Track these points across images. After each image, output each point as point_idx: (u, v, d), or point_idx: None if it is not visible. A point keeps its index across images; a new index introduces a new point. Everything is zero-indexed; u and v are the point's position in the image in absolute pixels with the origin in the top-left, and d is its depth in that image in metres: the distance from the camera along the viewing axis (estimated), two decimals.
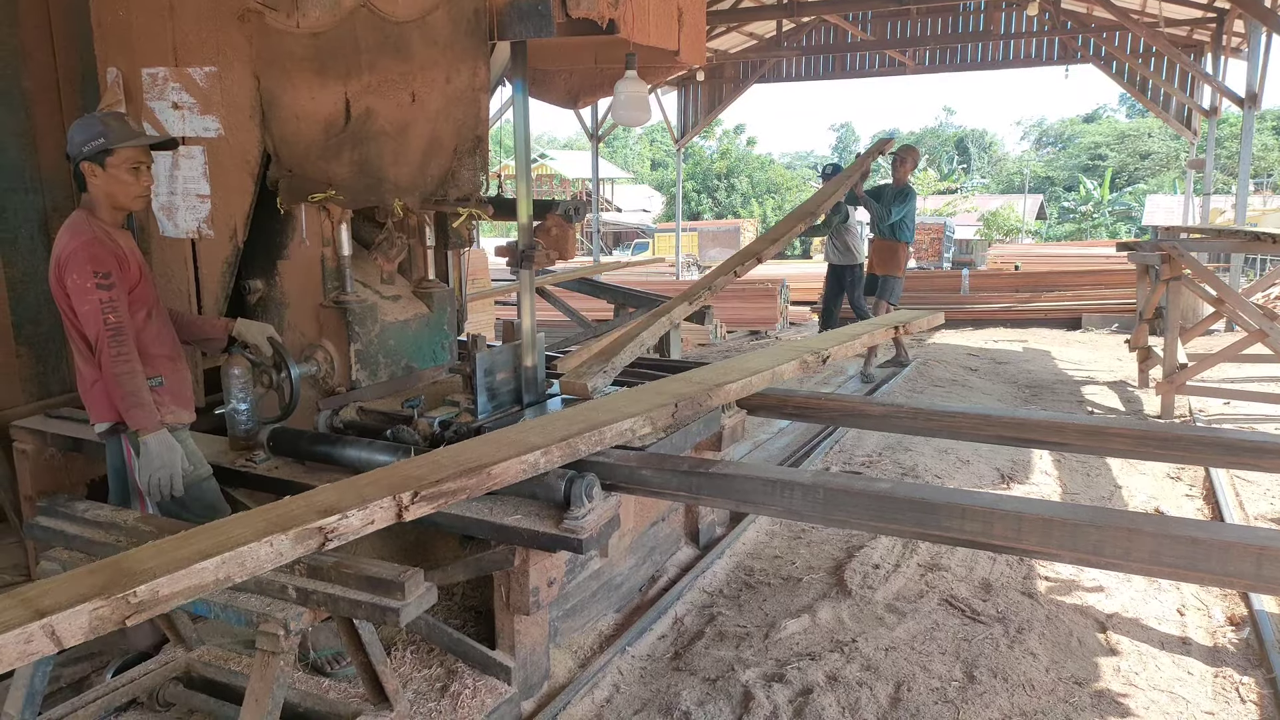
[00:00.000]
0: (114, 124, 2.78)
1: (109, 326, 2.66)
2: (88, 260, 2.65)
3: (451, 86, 3.12)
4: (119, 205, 2.83)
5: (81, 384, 2.87)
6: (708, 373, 3.52)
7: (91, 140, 2.72)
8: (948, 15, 15.20)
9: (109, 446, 2.93)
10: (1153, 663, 3.12)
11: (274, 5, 3.30)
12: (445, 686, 2.89)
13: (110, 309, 2.66)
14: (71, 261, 2.66)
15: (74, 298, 2.67)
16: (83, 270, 2.65)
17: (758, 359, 3.69)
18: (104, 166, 2.74)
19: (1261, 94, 10.78)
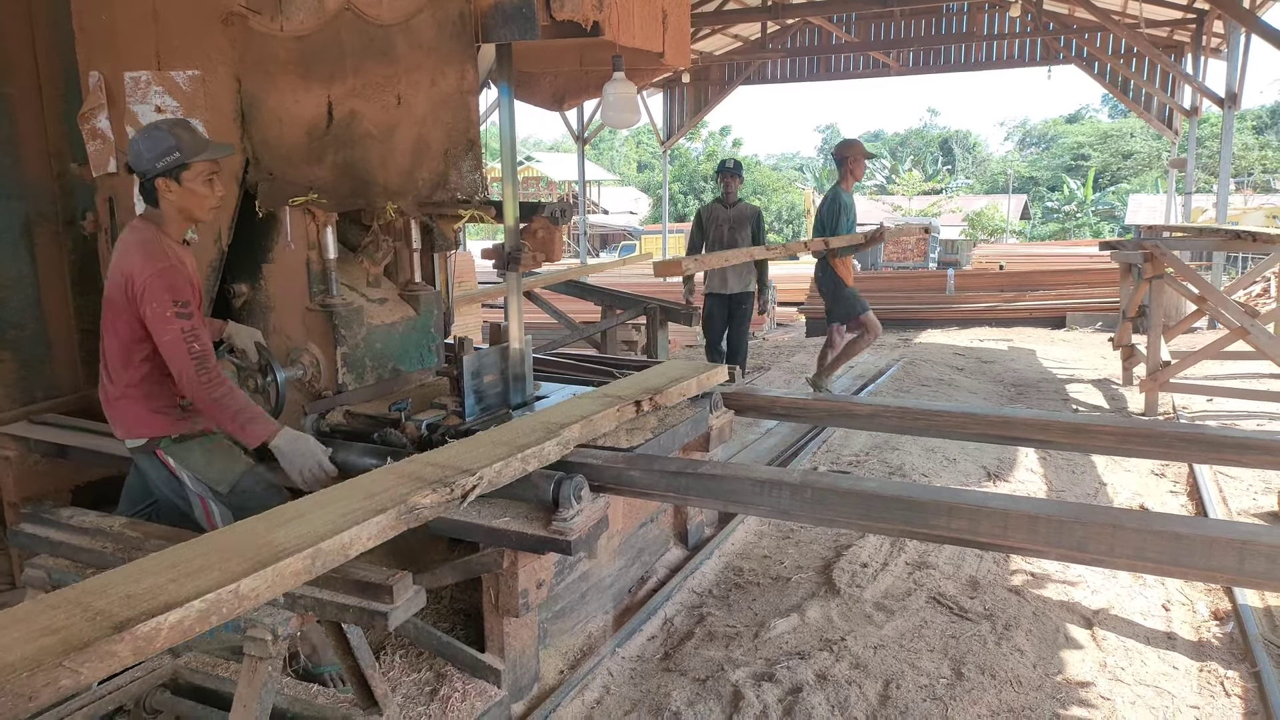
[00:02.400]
0: (184, 135, 2.70)
1: (194, 355, 2.59)
2: (167, 289, 2.59)
3: (438, 89, 3.12)
4: (192, 218, 2.79)
5: (105, 396, 2.81)
6: (530, 424, 2.99)
7: (166, 155, 2.65)
8: (931, 17, 15.30)
9: (145, 463, 2.86)
10: (1138, 658, 3.15)
11: (258, 8, 3.29)
12: (434, 690, 2.88)
13: (193, 337, 2.60)
14: (150, 290, 2.59)
15: (153, 326, 2.60)
16: (162, 299, 2.58)
17: (571, 408, 3.20)
18: (180, 181, 2.68)
19: (1241, 94, 10.89)
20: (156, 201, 2.72)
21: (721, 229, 6.94)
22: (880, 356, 8.88)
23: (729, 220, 6.94)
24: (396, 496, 2.28)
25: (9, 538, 3.18)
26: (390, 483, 2.39)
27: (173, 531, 2.70)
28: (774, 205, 36.29)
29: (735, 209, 6.97)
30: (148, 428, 2.78)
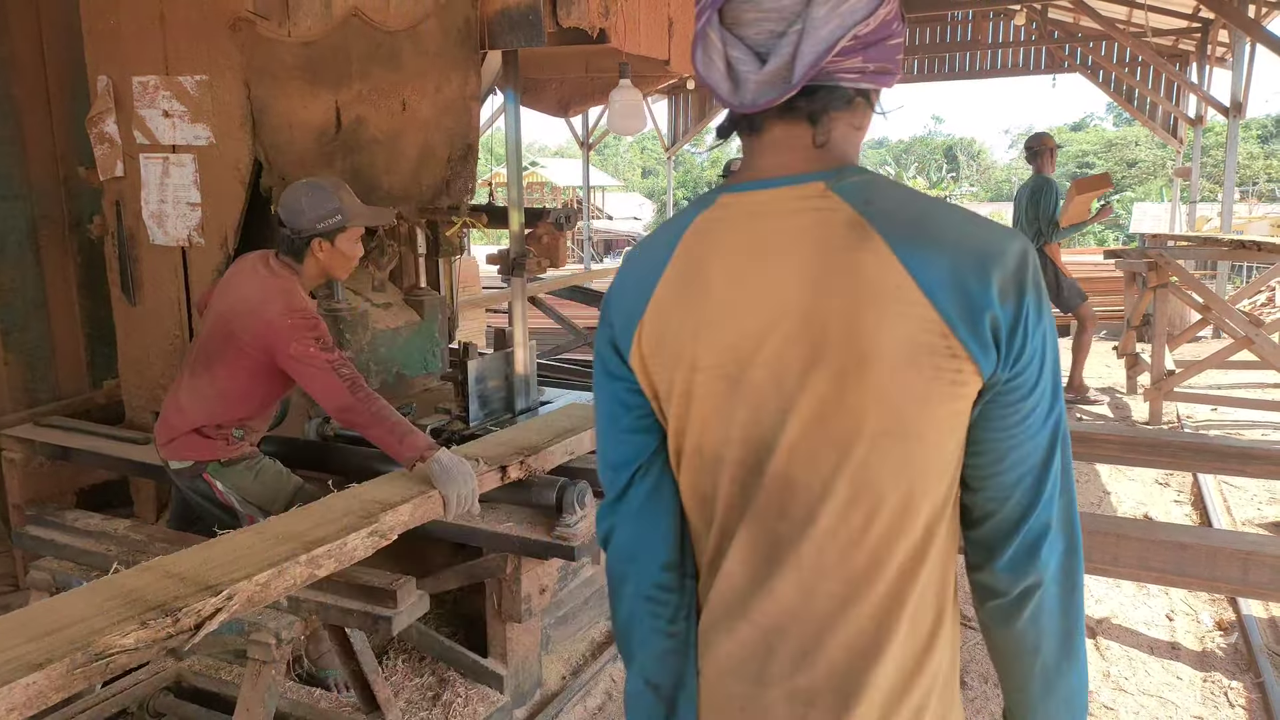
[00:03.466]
0: (348, 200, 2.72)
1: (346, 380, 2.57)
2: (309, 329, 2.59)
3: (442, 95, 3.13)
4: (331, 277, 2.82)
5: (176, 413, 2.78)
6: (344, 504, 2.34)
7: (328, 218, 2.66)
8: (936, 25, 15.31)
9: (189, 484, 2.84)
10: (1142, 668, 3.14)
11: (265, 14, 3.30)
12: (437, 695, 2.88)
13: (342, 364, 2.59)
14: (292, 332, 2.58)
15: (298, 366, 2.59)
16: (302, 339, 2.57)
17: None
18: (334, 243, 2.70)
19: (1246, 103, 10.89)
20: (300, 257, 2.71)
21: None
22: None
23: None
24: (80, 637, 1.62)
25: (14, 540, 3.19)
26: (85, 610, 1.72)
27: (176, 535, 2.70)
28: None
29: None
30: (196, 452, 2.77)
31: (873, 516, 0.94)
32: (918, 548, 0.95)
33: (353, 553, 2.12)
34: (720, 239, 1.00)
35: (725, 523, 1.02)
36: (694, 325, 0.99)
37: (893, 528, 0.94)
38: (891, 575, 0.95)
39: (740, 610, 1.01)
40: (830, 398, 0.92)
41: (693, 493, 1.06)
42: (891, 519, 0.94)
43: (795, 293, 0.94)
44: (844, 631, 0.96)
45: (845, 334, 0.91)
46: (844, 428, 0.93)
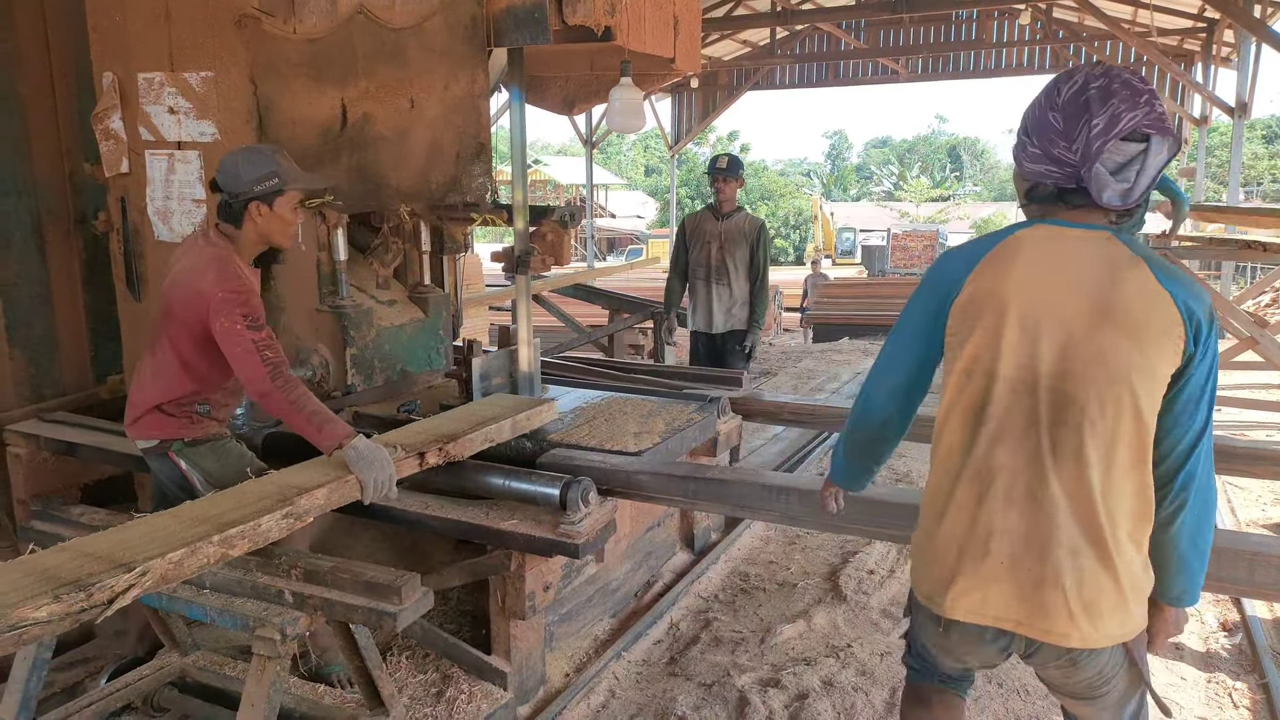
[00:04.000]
0: (284, 163, 2.72)
1: (268, 362, 2.57)
2: (240, 305, 2.58)
3: (450, 93, 3.13)
4: (271, 244, 2.80)
5: (138, 393, 2.80)
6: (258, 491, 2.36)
7: (266, 180, 2.66)
8: (940, 24, 15.30)
9: (157, 464, 2.86)
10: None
11: (271, 11, 3.31)
12: (441, 692, 2.89)
13: (266, 347, 2.59)
14: (224, 307, 2.58)
15: (225, 340, 2.59)
16: (232, 314, 2.57)
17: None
18: (272, 207, 2.70)
19: (1251, 103, 10.87)
20: (239, 222, 2.71)
21: (709, 247, 5.21)
22: None
23: (719, 236, 5.19)
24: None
25: (19, 534, 3.19)
26: (6, 585, 1.79)
27: None
28: (781, 211, 36.26)
29: (730, 221, 5.21)
30: (160, 429, 2.78)
31: (1118, 422, 1.58)
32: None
33: (267, 534, 2.16)
34: (1026, 252, 1.65)
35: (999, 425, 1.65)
36: (1006, 291, 1.63)
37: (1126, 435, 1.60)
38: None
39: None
40: (1107, 348, 1.56)
41: (967, 399, 1.69)
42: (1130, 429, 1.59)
43: (1092, 284, 1.59)
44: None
45: (1125, 314, 1.55)
46: (1115, 365, 1.55)
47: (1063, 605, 1.60)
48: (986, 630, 1.69)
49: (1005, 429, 1.64)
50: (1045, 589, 1.61)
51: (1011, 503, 1.63)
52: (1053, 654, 1.67)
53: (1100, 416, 1.57)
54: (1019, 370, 1.61)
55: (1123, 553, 1.60)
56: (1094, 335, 1.56)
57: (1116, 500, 1.59)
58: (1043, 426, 1.60)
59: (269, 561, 2.34)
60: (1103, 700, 1.76)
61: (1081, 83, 1.59)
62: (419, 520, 2.92)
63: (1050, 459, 1.60)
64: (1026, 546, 1.62)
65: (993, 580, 1.65)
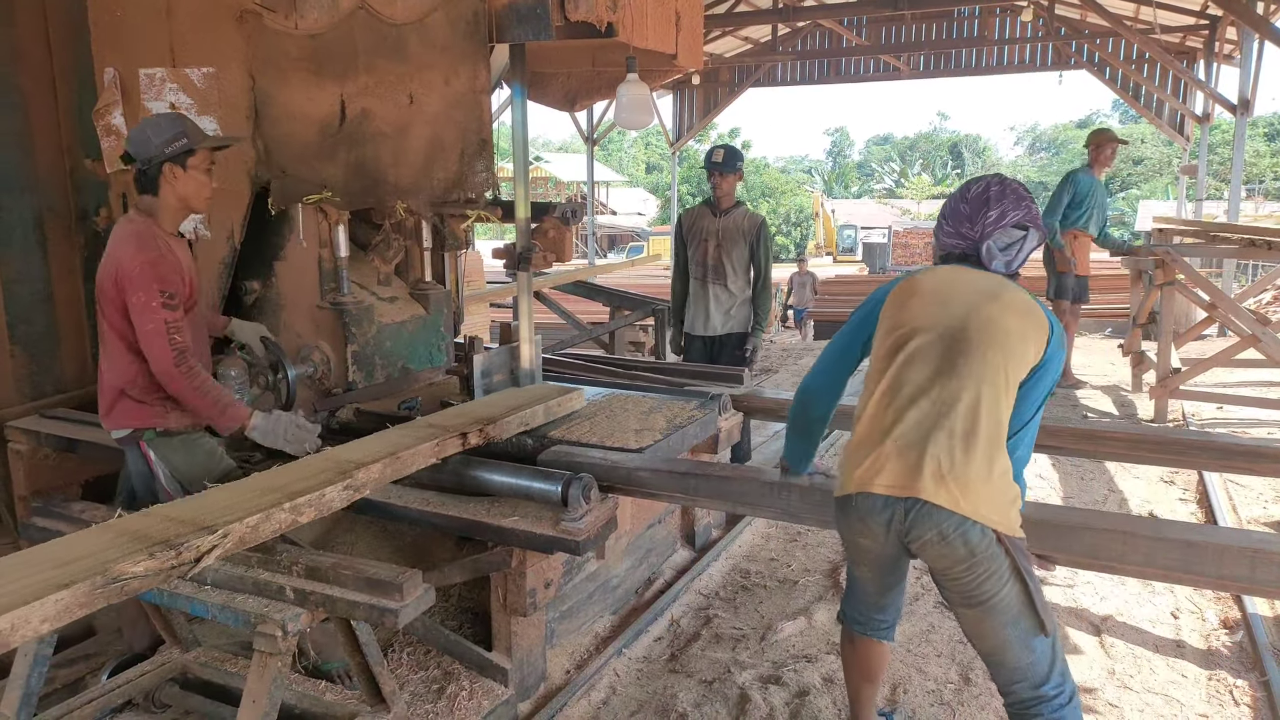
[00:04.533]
0: (190, 124, 2.74)
1: (175, 347, 2.61)
2: (155, 279, 2.60)
3: (451, 89, 3.13)
4: (190, 208, 2.81)
5: (101, 385, 2.82)
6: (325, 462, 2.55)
7: (175, 140, 2.67)
8: (942, 21, 15.27)
9: (128, 453, 2.89)
10: (1147, 665, 3.14)
11: (272, 6, 3.30)
12: (442, 688, 2.89)
13: (175, 329, 2.62)
14: (139, 279, 2.60)
15: (136, 315, 2.62)
16: (149, 289, 2.59)
17: (392, 439, 2.79)
18: (185, 168, 2.71)
19: (1253, 101, 10.84)
20: (155, 190, 2.73)
21: (705, 245, 4.94)
22: None
23: (717, 233, 4.92)
24: (98, 564, 1.84)
25: (20, 531, 3.20)
26: (97, 544, 1.96)
27: None
28: (782, 208, 36.24)
29: (728, 217, 4.93)
30: (133, 418, 2.78)
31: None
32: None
33: (330, 503, 2.33)
34: (941, 269, 2.34)
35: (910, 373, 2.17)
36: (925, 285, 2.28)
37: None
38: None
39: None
40: (997, 316, 2.16)
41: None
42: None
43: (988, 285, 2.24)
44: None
45: (1012, 304, 2.18)
46: (1001, 329, 2.14)
47: (934, 470, 2.04)
48: (876, 499, 2.11)
49: (916, 356, 2.17)
50: (923, 459, 2.06)
51: (911, 402, 2.13)
52: (928, 524, 2.05)
53: (982, 359, 2.11)
54: (932, 322, 2.19)
55: (987, 453, 2.07)
56: (988, 307, 2.16)
57: (984, 416, 2.08)
58: (943, 355, 2.14)
59: (270, 558, 2.34)
60: (990, 605, 2.06)
61: (983, 186, 2.31)
62: (420, 517, 2.92)
63: (944, 376, 2.12)
64: (916, 432, 2.09)
65: (886, 459, 2.11)
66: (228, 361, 3.22)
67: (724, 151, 4.95)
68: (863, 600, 2.43)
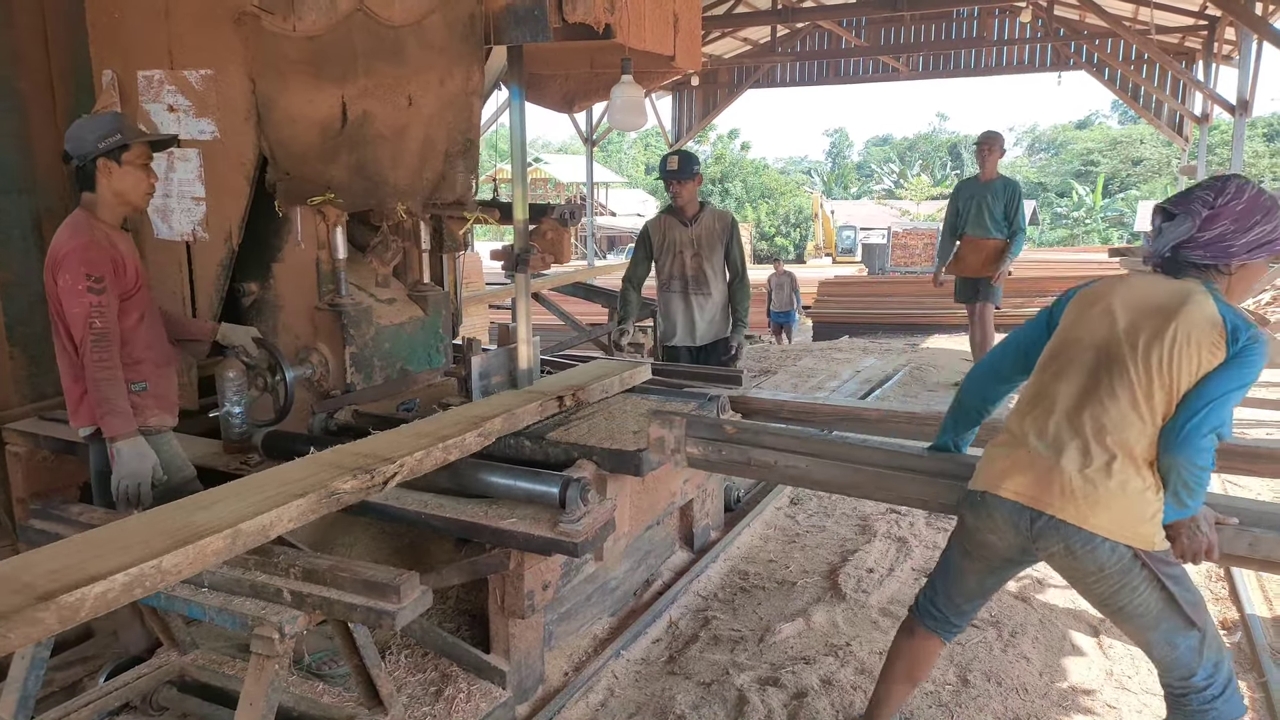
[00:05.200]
0: (125, 121, 2.79)
1: (94, 331, 2.64)
2: (81, 263, 2.64)
3: (445, 90, 3.13)
4: (129, 203, 2.83)
5: (64, 385, 2.84)
6: (447, 420, 3.14)
7: (109, 136, 2.71)
8: (941, 21, 15.28)
9: (92, 449, 2.91)
10: (1145, 666, 3.13)
11: (270, 8, 3.30)
12: (439, 690, 2.89)
13: (98, 313, 2.65)
14: (66, 262, 2.64)
15: (64, 298, 2.66)
16: (75, 272, 2.63)
17: (498, 402, 3.38)
18: (120, 163, 2.74)
19: (1252, 101, 10.85)
20: (93, 185, 2.77)
21: (681, 257, 4.80)
22: (887, 361, 8.86)
23: (693, 242, 4.78)
24: (317, 482, 2.41)
25: (18, 533, 3.19)
26: (312, 470, 2.54)
27: None
28: (781, 209, 36.23)
29: (700, 225, 4.79)
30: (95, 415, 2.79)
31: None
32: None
33: (470, 446, 2.96)
34: (1132, 277, 2.27)
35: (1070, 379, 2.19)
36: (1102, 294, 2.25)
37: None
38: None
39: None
40: (1157, 334, 2.09)
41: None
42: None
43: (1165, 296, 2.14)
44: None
45: (1181, 317, 2.08)
46: (1160, 347, 2.07)
47: (1064, 485, 2.08)
48: (1006, 503, 2.17)
49: (1068, 368, 2.20)
50: (1054, 473, 2.10)
51: (1054, 413, 2.17)
52: (1055, 538, 2.11)
53: (1133, 372, 2.09)
54: (1092, 335, 2.18)
55: (1125, 469, 2.06)
56: (1152, 318, 2.10)
57: (1126, 433, 2.07)
58: (1093, 370, 2.15)
59: (268, 560, 2.34)
60: (1128, 613, 2.13)
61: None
62: (418, 519, 2.92)
63: (1091, 391, 2.14)
64: (1053, 443, 2.14)
65: (1021, 465, 2.17)
66: (226, 363, 3.22)
67: (678, 158, 4.76)
68: (948, 598, 2.43)
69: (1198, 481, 2.06)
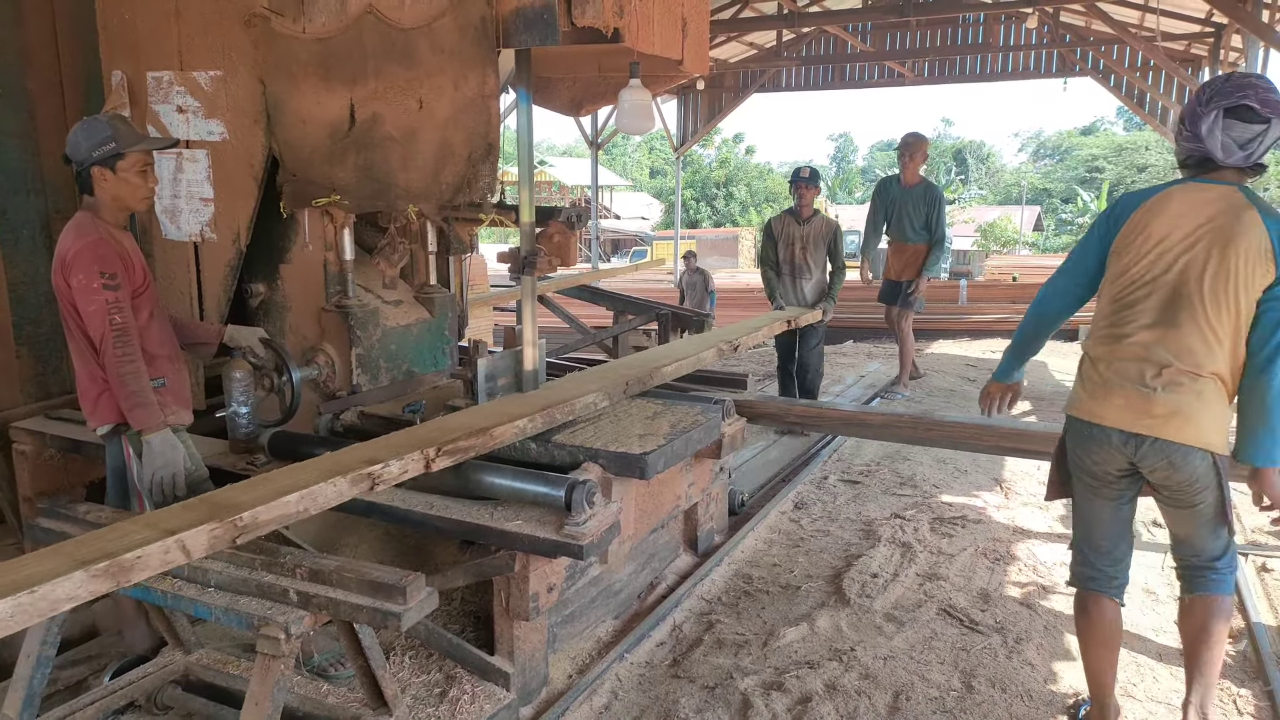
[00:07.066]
0: (121, 127, 2.79)
1: (114, 326, 2.66)
2: (94, 260, 2.65)
3: (460, 94, 3.13)
4: (127, 207, 2.84)
5: (80, 385, 2.86)
6: (645, 357, 4.29)
7: (102, 145, 2.72)
8: (947, 27, 15.28)
9: (109, 448, 2.93)
10: (1150, 674, 3.13)
11: (280, 10, 3.31)
12: (444, 692, 2.89)
13: (116, 309, 2.66)
14: (78, 261, 2.66)
15: (79, 298, 2.67)
16: (89, 270, 2.64)
17: (682, 348, 4.45)
18: (114, 170, 2.75)
19: None
20: (91, 189, 2.79)
21: (793, 248, 6.18)
22: (892, 366, 8.85)
23: (803, 238, 6.15)
24: (428, 442, 2.69)
25: (26, 532, 3.20)
26: (416, 439, 2.75)
27: None
28: None
29: (810, 225, 6.18)
30: (115, 413, 2.80)
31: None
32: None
33: (557, 422, 3.21)
34: (1175, 199, 2.44)
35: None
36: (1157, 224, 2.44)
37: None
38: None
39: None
40: (1220, 261, 2.34)
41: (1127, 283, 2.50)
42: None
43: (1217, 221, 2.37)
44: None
45: (1236, 241, 2.33)
46: (1224, 273, 2.34)
47: (1165, 406, 2.38)
48: (1110, 431, 2.47)
49: (1145, 296, 2.45)
50: (1147, 400, 2.40)
51: (1139, 341, 2.44)
52: (1159, 456, 2.41)
53: (1201, 307, 2.36)
54: (1161, 264, 2.42)
55: (1207, 388, 2.38)
56: (1212, 254, 2.35)
57: (1207, 357, 2.37)
58: (1169, 297, 2.41)
59: (274, 560, 2.35)
60: (1197, 511, 2.47)
61: (1216, 83, 2.44)
62: (424, 520, 2.92)
63: (1170, 316, 2.40)
64: (1148, 369, 2.42)
65: (1116, 397, 2.46)
66: (233, 364, 3.23)
67: (809, 170, 6.29)
68: (1096, 549, 2.65)
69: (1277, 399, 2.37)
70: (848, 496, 4.91)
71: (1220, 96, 2.36)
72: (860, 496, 4.91)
